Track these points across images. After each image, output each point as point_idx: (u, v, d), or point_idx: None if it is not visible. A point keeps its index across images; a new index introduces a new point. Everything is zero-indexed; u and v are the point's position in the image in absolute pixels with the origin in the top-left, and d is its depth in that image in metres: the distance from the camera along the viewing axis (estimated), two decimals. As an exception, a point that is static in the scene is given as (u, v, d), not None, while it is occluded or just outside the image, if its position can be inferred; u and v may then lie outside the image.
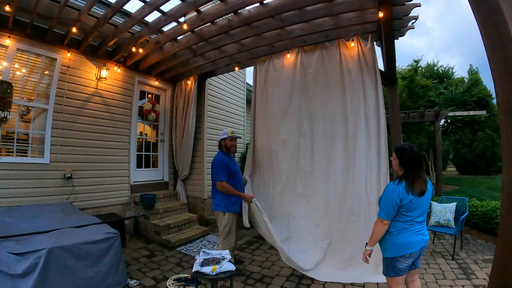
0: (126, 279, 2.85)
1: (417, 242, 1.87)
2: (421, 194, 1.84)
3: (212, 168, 3.04)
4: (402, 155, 1.95)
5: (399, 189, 1.84)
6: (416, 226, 1.90)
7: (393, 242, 1.90)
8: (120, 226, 3.89)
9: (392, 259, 1.91)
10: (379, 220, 1.91)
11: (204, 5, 3.17)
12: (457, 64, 71.15)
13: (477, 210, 4.50)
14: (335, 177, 3.37)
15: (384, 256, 1.98)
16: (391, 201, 1.84)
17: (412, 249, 1.86)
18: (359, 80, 3.42)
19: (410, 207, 1.84)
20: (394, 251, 1.89)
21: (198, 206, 5.50)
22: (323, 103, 3.62)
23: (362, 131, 3.34)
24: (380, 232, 1.91)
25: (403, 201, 1.83)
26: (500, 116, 1.30)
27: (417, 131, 9.91)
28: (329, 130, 3.52)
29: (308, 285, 2.91)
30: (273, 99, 4.01)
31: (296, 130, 3.76)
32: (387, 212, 1.87)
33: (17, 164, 3.49)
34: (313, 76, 3.77)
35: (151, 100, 5.39)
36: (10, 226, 2.61)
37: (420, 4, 2.88)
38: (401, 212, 1.87)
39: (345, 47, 3.58)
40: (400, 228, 1.89)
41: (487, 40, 1.29)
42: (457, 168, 16.11)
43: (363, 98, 3.39)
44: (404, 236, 1.87)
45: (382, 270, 2.03)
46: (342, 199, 3.28)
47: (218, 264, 2.23)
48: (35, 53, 3.72)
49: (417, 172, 1.88)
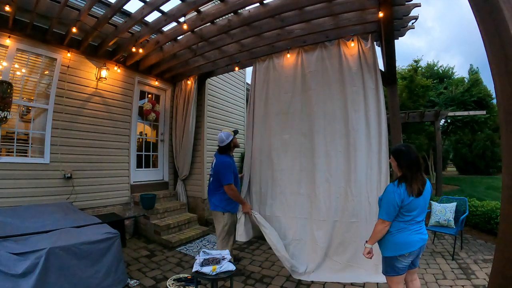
0: (126, 279, 2.85)
1: (416, 241, 1.90)
2: (418, 195, 1.87)
3: (221, 171, 3.05)
4: (398, 157, 1.98)
5: (400, 191, 1.87)
6: (415, 226, 1.92)
7: (392, 241, 1.93)
8: (120, 226, 3.90)
9: (392, 258, 1.93)
10: (381, 221, 1.94)
11: (204, 5, 3.17)
12: (458, 64, 71.17)
13: (477, 210, 4.50)
14: (336, 177, 3.37)
15: (384, 256, 2.00)
16: (392, 202, 1.87)
17: (411, 248, 1.88)
18: (359, 80, 3.41)
19: (410, 207, 1.87)
20: (394, 250, 1.91)
21: (198, 206, 5.50)
22: (323, 102, 3.61)
23: (363, 131, 3.32)
24: (381, 233, 1.94)
25: (404, 201, 1.86)
26: (500, 116, 1.30)
27: (417, 131, 9.90)
28: (330, 129, 3.51)
29: (308, 285, 2.91)
30: (273, 99, 4.00)
31: (297, 130, 3.75)
32: (389, 213, 1.89)
33: (17, 164, 3.49)
34: (313, 75, 3.76)
35: (151, 100, 5.39)
36: (10, 226, 2.61)
37: (420, 4, 2.88)
38: (402, 212, 1.90)
39: (346, 47, 3.58)
40: (399, 227, 1.91)
41: (487, 40, 1.29)
42: (457, 168, 16.11)
43: (363, 97, 3.37)
44: (404, 236, 1.90)
45: (382, 269, 2.04)
46: (343, 200, 3.28)
47: (218, 264, 2.23)
48: (35, 53, 3.72)
49: (415, 173, 1.90)
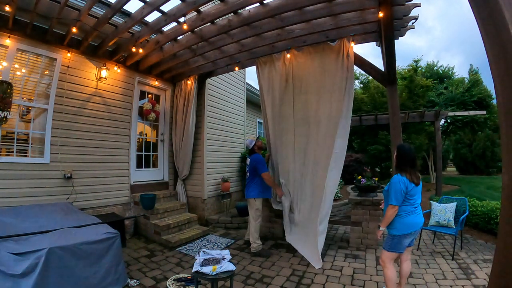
0: (126, 279, 2.85)
1: (419, 222, 2.36)
2: (417, 184, 2.33)
3: (256, 164, 3.89)
4: (403, 153, 2.43)
5: (404, 179, 2.31)
6: (417, 210, 2.37)
7: (403, 222, 2.34)
8: (120, 226, 3.89)
9: (400, 236, 2.35)
10: (391, 206, 2.33)
11: (204, 5, 3.17)
12: (458, 63, 71.00)
13: (477, 210, 4.50)
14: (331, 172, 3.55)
15: (392, 234, 2.40)
16: (399, 189, 2.30)
17: (415, 228, 2.35)
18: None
19: (413, 192, 2.33)
20: (403, 229, 2.33)
21: (198, 206, 5.50)
22: (316, 103, 3.81)
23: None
24: (392, 216, 2.35)
25: (408, 187, 2.30)
26: (500, 116, 1.30)
27: (417, 131, 9.92)
28: (330, 131, 3.62)
29: (308, 285, 2.91)
30: (279, 100, 4.14)
31: (301, 131, 3.97)
32: (397, 198, 2.31)
33: (17, 164, 3.49)
34: (312, 76, 3.82)
35: (151, 100, 5.39)
36: (10, 226, 2.61)
37: (420, 4, 2.88)
38: (407, 198, 2.33)
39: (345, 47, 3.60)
40: (408, 211, 2.34)
41: (487, 40, 1.29)
42: (457, 168, 16.12)
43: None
44: (411, 218, 2.34)
45: (385, 246, 2.44)
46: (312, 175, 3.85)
47: (218, 264, 2.23)
48: (35, 53, 3.72)
49: (413, 167, 2.37)
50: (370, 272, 3.18)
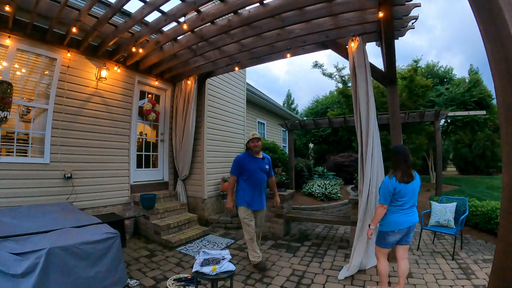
0: (126, 279, 2.85)
1: (404, 221, 2.46)
2: (407, 182, 2.44)
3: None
4: (396, 154, 2.58)
5: (393, 181, 2.46)
6: (407, 210, 2.48)
7: (387, 220, 2.53)
8: (120, 226, 3.90)
9: (384, 232, 2.54)
10: (380, 205, 2.52)
11: (204, 5, 3.17)
12: (459, 62, 70.99)
13: (477, 210, 4.49)
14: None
15: (379, 230, 2.60)
16: (387, 190, 2.47)
17: (399, 227, 2.46)
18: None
19: (401, 193, 2.45)
20: (387, 227, 2.51)
21: (198, 206, 5.50)
22: None
23: (358, 131, 3.57)
24: (381, 214, 2.52)
25: (396, 189, 2.44)
26: (500, 116, 1.30)
27: (417, 131, 9.89)
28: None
29: (308, 285, 2.91)
30: None
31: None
32: (385, 198, 2.48)
33: (17, 164, 3.49)
34: None
35: (151, 100, 5.39)
36: (10, 226, 2.60)
37: (420, 4, 2.88)
38: (395, 198, 2.47)
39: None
40: (393, 210, 2.50)
41: (487, 40, 1.28)
42: (457, 168, 16.13)
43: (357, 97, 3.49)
44: (394, 216, 2.48)
45: (375, 240, 2.66)
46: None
47: (218, 264, 2.24)
48: (35, 53, 3.72)
49: (404, 167, 2.48)
50: (370, 272, 3.18)
